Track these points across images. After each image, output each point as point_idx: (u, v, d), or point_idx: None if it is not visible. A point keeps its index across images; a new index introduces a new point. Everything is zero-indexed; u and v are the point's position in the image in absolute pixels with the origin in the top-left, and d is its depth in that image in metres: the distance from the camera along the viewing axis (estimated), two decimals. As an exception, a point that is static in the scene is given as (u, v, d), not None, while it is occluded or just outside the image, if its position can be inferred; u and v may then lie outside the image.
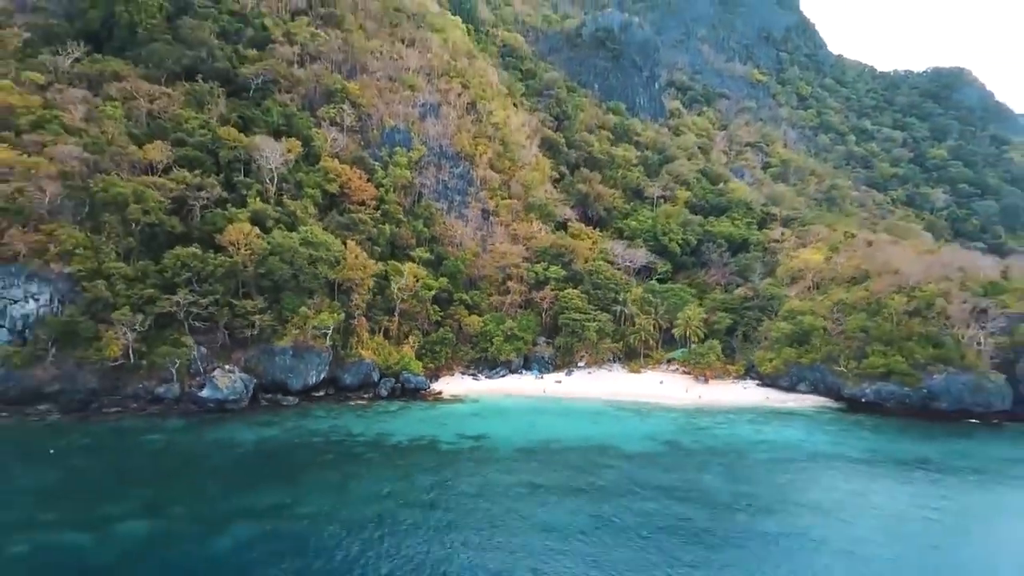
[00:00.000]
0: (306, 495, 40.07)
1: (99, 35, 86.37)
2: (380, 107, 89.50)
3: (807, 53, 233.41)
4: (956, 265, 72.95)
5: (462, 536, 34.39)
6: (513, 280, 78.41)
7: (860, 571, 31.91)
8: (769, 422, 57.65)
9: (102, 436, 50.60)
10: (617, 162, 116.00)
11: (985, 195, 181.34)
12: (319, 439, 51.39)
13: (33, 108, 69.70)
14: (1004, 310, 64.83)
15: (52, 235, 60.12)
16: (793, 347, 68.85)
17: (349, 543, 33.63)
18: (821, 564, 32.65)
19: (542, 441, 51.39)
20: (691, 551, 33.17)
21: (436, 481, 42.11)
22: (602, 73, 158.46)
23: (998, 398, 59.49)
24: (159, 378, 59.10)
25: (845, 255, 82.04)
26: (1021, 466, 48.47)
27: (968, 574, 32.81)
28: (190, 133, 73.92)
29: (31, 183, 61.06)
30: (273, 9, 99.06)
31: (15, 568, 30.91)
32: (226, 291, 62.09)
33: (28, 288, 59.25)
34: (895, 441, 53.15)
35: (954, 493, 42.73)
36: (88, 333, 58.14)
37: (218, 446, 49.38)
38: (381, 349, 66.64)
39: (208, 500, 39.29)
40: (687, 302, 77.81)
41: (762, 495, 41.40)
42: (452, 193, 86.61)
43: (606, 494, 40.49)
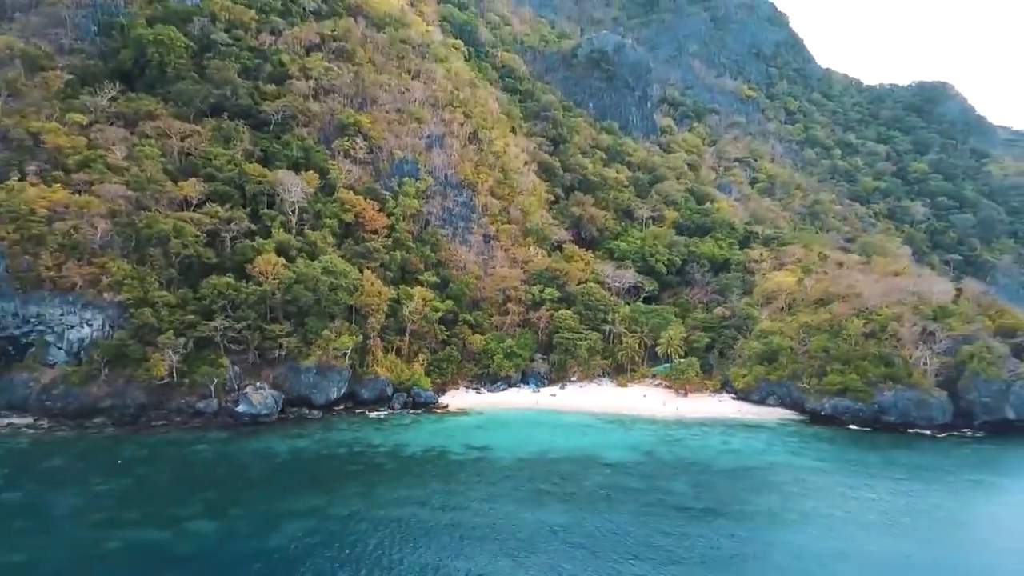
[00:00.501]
0: (338, 499, 47.85)
1: (131, 74, 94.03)
2: (390, 139, 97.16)
3: (796, 68, 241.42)
4: (912, 289, 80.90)
5: (470, 535, 42.13)
6: (512, 301, 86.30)
7: (800, 563, 39.71)
8: (737, 434, 65.56)
9: (156, 447, 58.31)
10: (609, 184, 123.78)
11: (963, 208, 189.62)
12: (344, 450, 59.17)
13: (79, 148, 77.48)
14: (949, 333, 72.89)
15: (104, 267, 67.88)
16: (763, 365, 76.85)
17: (376, 539, 41.35)
18: (766, 558, 40.50)
19: (538, 451, 59.22)
20: (656, 547, 40.95)
21: (448, 488, 49.89)
22: (597, 93, 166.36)
23: (939, 412, 67.47)
24: (199, 394, 66.90)
25: (815, 277, 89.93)
26: (949, 473, 56.34)
27: (878, 563, 40.60)
28: (219, 169, 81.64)
29: (84, 221, 68.82)
30: (289, 45, 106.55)
31: (115, 558, 38.61)
32: (257, 316, 69.86)
33: (83, 315, 67.03)
34: (845, 451, 61.11)
35: (885, 496, 50.61)
36: (136, 355, 65.92)
37: (257, 456, 57.13)
38: (394, 366, 74.48)
39: (257, 503, 47.00)
40: (670, 322, 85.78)
41: (721, 501, 49.19)
42: (456, 220, 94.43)
43: (590, 500, 48.27)
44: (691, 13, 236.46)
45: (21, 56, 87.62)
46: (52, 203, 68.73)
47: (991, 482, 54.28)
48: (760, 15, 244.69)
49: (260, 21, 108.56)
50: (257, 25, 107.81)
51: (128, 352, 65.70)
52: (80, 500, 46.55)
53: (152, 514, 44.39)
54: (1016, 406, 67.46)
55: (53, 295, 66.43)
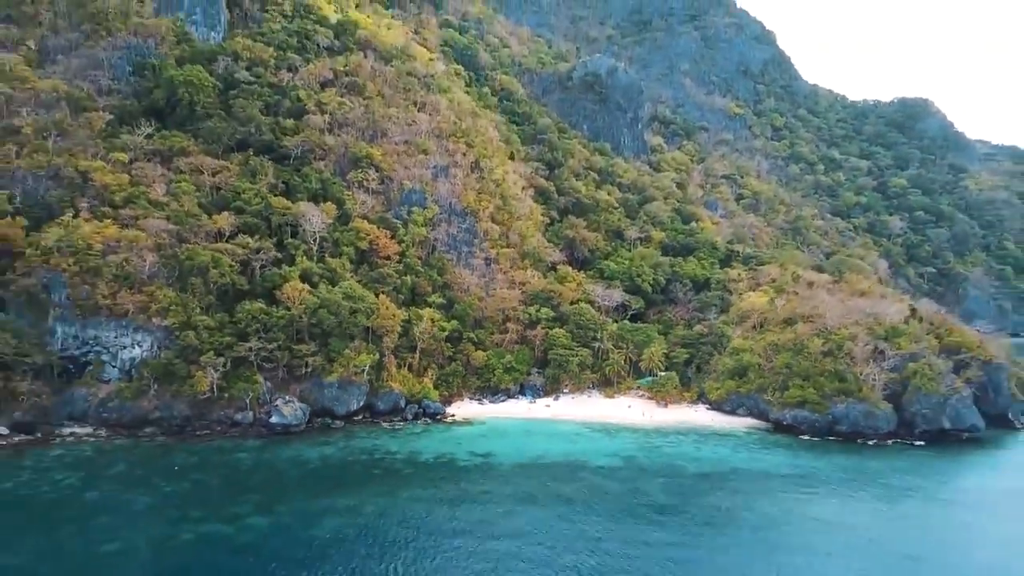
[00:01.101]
0: (366, 498, 57.03)
1: (163, 111, 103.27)
2: (400, 170, 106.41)
3: (783, 85, 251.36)
4: (869, 311, 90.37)
5: (476, 529, 51.28)
6: (511, 321, 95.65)
7: (750, 553, 49.03)
8: (708, 441, 74.96)
9: (203, 454, 67.44)
10: (601, 206, 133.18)
11: (939, 222, 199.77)
12: (365, 456, 68.39)
13: (123, 186, 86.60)
14: (898, 351, 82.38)
15: (152, 295, 76.95)
16: (734, 379, 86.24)
17: (400, 532, 50.47)
18: (716, 548, 49.83)
19: (534, 457, 68.48)
20: (630, 544, 50.28)
21: (457, 490, 59.14)
22: (590, 115, 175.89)
23: (885, 423, 76.87)
24: (236, 407, 75.98)
25: (785, 298, 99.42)
26: (887, 476, 65.68)
27: (810, 550, 49.91)
28: (248, 202, 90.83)
29: (134, 253, 77.95)
30: (305, 80, 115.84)
31: (191, 547, 47.76)
32: (286, 338, 79.01)
33: (135, 337, 76.13)
34: (798, 457, 70.49)
35: (825, 495, 60.02)
36: (182, 372, 75.03)
37: (291, 462, 66.28)
38: (406, 381, 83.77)
39: (298, 502, 56.11)
40: (652, 339, 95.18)
41: (685, 500, 58.52)
42: (460, 245, 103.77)
43: (575, 501, 57.55)
44: (682, 32, 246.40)
45: (66, 98, 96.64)
46: (105, 238, 77.85)
47: (919, 485, 63.69)
48: (749, 34, 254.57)
49: (278, 58, 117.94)
50: (276, 62, 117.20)
51: (174, 370, 74.83)
52: (151, 499, 55.71)
53: (213, 511, 53.60)
54: (952, 417, 76.96)
55: (108, 320, 75.55)
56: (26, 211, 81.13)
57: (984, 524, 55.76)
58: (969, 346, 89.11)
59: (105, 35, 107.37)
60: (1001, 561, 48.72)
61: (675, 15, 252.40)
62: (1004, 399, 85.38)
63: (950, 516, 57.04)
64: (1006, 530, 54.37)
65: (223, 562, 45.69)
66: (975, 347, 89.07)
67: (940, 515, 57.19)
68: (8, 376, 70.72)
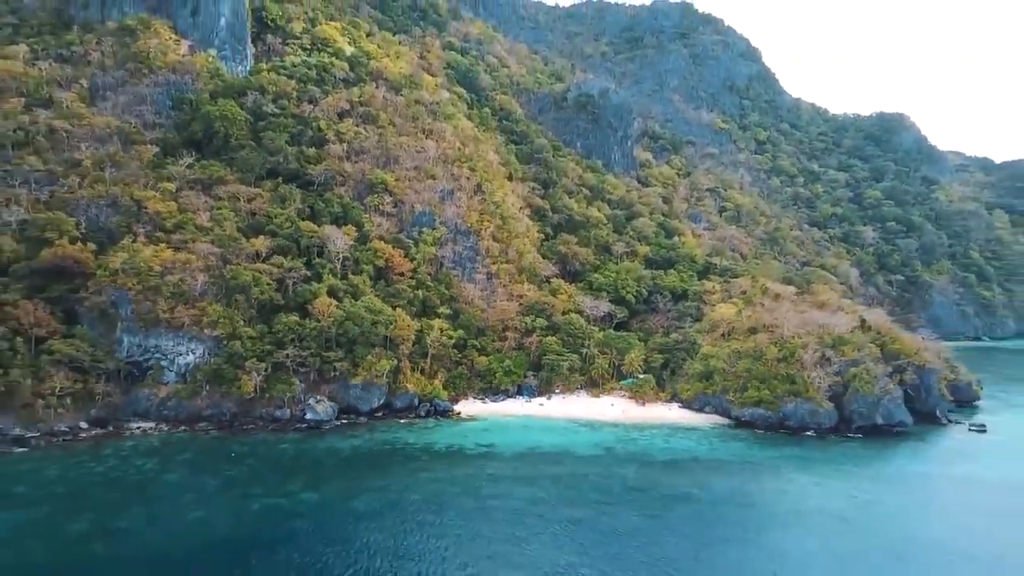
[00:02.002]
0: (392, 480, 70.18)
1: (201, 142, 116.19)
2: (411, 195, 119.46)
3: (767, 100, 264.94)
4: (821, 322, 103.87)
5: (483, 504, 64.50)
6: (509, 330, 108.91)
7: (700, 521, 62.32)
8: (676, 435, 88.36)
9: (252, 445, 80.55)
10: (591, 222, 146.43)
11: (909, 232, 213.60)
12: (388, 446, 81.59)
13: (173, 213, 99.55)
14: (842, 358, 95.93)
15: (203, 310, 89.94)
16: (702, 381, 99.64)
17: (423, 505, 63.49)
18: (671, 513, 63.14)
19: (528, 448, 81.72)
20: (604, 512, 63.62)
21: (467, 473, 72.41)
22: (583, 133, 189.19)
23: (827, 419, 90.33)
24: (276, 405, 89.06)
25: (751, 309, 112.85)
26: (822, 462, 78.95)
27: (747, 522, 63.20)
28: (280, 227, 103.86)
29: (187, 274, 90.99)
30: (325, 111, 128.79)
31: (260, 515, 60.83)
32: (317, 346, 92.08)
33: (189, 346, 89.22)
34: (751, 447, 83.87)
35: (767, 479, 73.40)
36: (229, 375, 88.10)
37: (327, 451, 79.45)
38: (419, 383, 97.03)
39: (338, 482, 69.21)
40: (633, 346, 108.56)
41: (651, 483, 71.86)
42: (464, 261, 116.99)
43: (562, 480, 70.91)
44: (672, 50, 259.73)
45: (118, 132, 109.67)
46: (162, 260, 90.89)
47: (846, 468, 77.15)
48: (735, 51, 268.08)
49: (300, 91, 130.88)
50: (298, 94, 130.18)
51: (223, 373, 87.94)
52: (218, 480, 68.90)
53: (270, 489, 66.75)
54: (883, 414, 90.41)
55: (167, 331, 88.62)
56: (90, 236, 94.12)
57: (885, 496, 68.90)
58: (908, 353, 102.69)
59: (147, 73, 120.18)
60: (897, 520, 61.99)
61: (665, 33, 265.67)
62: (934, 399, 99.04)
63: (863, 490, 70.25)
64: (902, 501, 67.70)
65: (285, 526, 58.76)
66: (913, 354, 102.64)
67: (856, 489, 70.40)
68: (86, 379, 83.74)
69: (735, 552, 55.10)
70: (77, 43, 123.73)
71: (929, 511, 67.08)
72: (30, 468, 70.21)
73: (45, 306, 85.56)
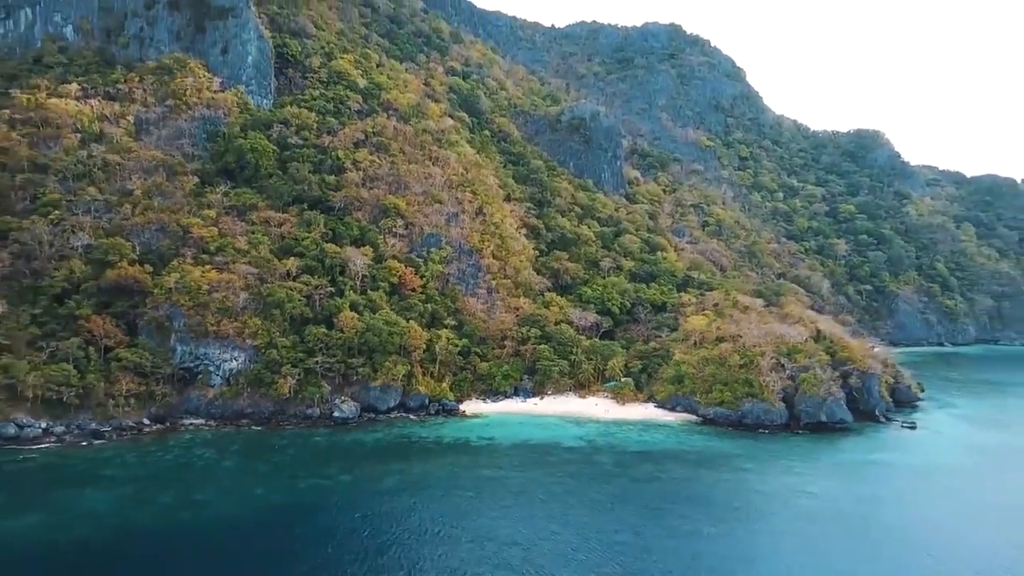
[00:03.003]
0: (411, 465, 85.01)
1: (234, 172, 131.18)
2: (420, 218, 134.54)
3: (750, 118, 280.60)
4: (778, 332, 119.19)
5: (486, 484, 79.40)
6: (507, 339, 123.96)
7: (662, 498, 77.34)
8: (650, 430, 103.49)
9: (290, 438, 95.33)
10: (582, 240, 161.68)
11: (880, 245, 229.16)
12: (404, 439, 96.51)
13: (215, 237, 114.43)
14: (794, 364, 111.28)
15: (244, 323, 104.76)
16: (674, 384, 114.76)
17: (438, 485, 78.31)
18: (640, 493, 78.17)
19: (523, 440, 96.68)
20: (583, 491, 78.70)
21: (471, 460, 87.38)
22: (576, 153, 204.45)
23: (778, 417, 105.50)
24: (307, 404, 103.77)
25: (721, 321, 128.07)
26: (770, 453, 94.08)
27: (698, 498, 78.16)
28: (307, 249, 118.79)
29: (230, 292, 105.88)
30: (342, 142, 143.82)
31: (308, 491, 75.64)
32: (342, 354, 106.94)
33: (233, 354, 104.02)
34: (711, 441, 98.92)
35: (720, 466, 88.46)
36: (267, 379, 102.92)
37: (354, 443, 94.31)
38: (430, 385, 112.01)
39: (366, 468, 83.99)
40: (616, 353, 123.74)
41: (624, 467, 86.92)
42: (467, 278, 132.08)
43: (551, 466, 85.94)
44: (660, 70, 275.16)
45: (162, 164, 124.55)
46: (209, 280, 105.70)
47: (787, 458, 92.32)
48: (720, 71, 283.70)
49: (320, 123, 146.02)
50: (318, 126, 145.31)
51: (262, 377, 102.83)
52: (268, 466, 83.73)
53: (312, 472, 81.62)
54: (827, 413, 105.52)
55: (214, 341, 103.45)
56: (145, 258, 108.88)
57: (812, 476, 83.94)
58: (854, 360, 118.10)
59: (185, 108, 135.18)
60: (816, 493, 76.94)
61: (655, 54, 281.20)
62: (874, 400, 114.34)
63: (795, 472, 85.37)
64: (826, 482, 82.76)
65: (327, 499, 73.59)
66: (859, 360, 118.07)
67: (789, 472, 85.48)
68: (147, 382, 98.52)
69: (682, 519, 70.08)
70: (121, 81, 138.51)
71: (846, 489, 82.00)
72: (111, 456, 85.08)
73: (111, 320, 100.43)
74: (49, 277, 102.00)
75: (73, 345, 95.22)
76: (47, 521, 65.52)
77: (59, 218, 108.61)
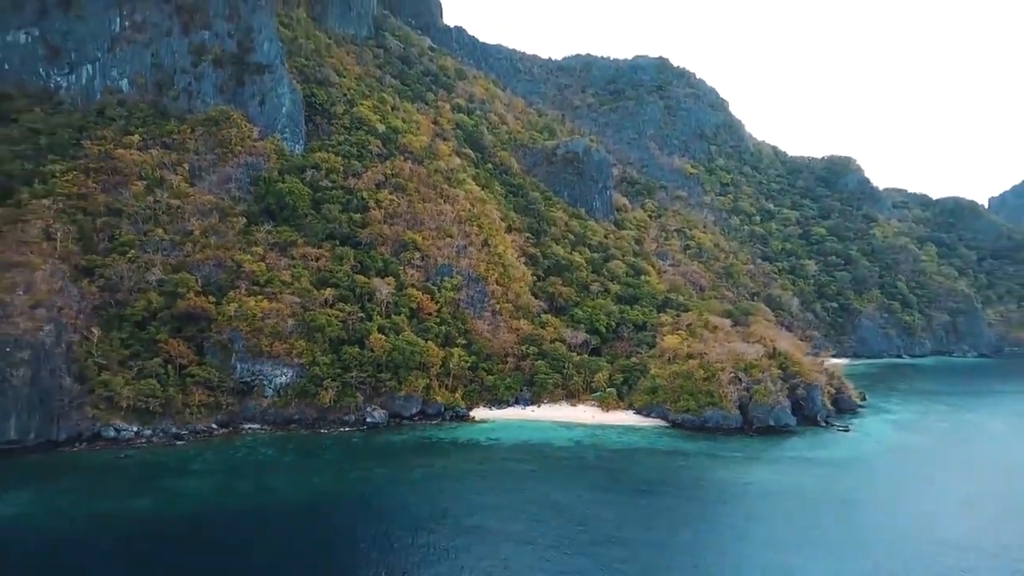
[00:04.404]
0: (432, 460, 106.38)
1: (275, 212, 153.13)
2: (434, 251, 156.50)
3: (732, 145, 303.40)
4: (739, 351, 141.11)
5: (493, 474, 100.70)
6: (509, 355, 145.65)
7: (634, 486, 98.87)
8: (627, 433, 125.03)
9: (332, 440, 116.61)
10: (574, 266, 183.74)
11: (847, 265, 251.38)
12: (425, 440, 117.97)
13: (264, 272, 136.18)
14: (749, 377, 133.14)
15: (292, 345, 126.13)
16: (649, 394, 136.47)
17: (453, 474, 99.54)
18: (616, 482, 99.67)
19: (523, 440, 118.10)
20: (570, 480, 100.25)
21: (481, 456, 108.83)
22: (570, 184, 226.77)
23: (734, 422, 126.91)
24: (344, 412, 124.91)
25: (692, 340, 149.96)
26: (725, 450, 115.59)
27: (669, 486, 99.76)
28: (340, 280, 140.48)
29: (280, 319, 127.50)
30: (366, 183, 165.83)
31: (353, 480, 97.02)
32: (373, 369, 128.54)
33: (282, 370, 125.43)
34: (677, 441, 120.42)
35: (683, 462, 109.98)
36: (311, 391, 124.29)
37: (385, 443, 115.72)
38: (445, 395, 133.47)
39: (397, 462, 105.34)
40: (602, 367, 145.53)
41: (603, 460, 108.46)
42: (475, 303, 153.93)
43: (545, 460, 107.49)
44: (649, 101, 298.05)
45: (215, 207, 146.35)
46: (262, 309, 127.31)
47: (737, 453, 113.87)
48: (705, 102, 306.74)
49: (345, 166, 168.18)
50: (344, 169, 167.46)
51: (307, 389, 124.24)
52: (319, 461, 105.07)
53: (355, 466, 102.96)
54: (775, 418, 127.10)
55: (267, 359, 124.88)
56: (207, 290, 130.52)
57: (753, 465, 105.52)
58: (803, 373, 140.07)
59: (231, 156, 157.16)
60: (758, 481, 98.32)
61: (644, 86, 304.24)
62: (816, 407, 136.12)
63: (736, 459, 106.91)
64: (762, 474, 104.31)
65: (369, 486, 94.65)
66: (806, 374, 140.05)
67: (732, 462, 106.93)
68: (214, 394, 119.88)
69: (649, 497, 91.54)
70: (175, 132, 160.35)
71: (776, 478, 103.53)
72: (194, 454, 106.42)
73: (184, 342, 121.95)
74: (131, 307, 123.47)
75: (155, 364, 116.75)
76: (157, 502, 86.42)
77: (135, 256, 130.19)
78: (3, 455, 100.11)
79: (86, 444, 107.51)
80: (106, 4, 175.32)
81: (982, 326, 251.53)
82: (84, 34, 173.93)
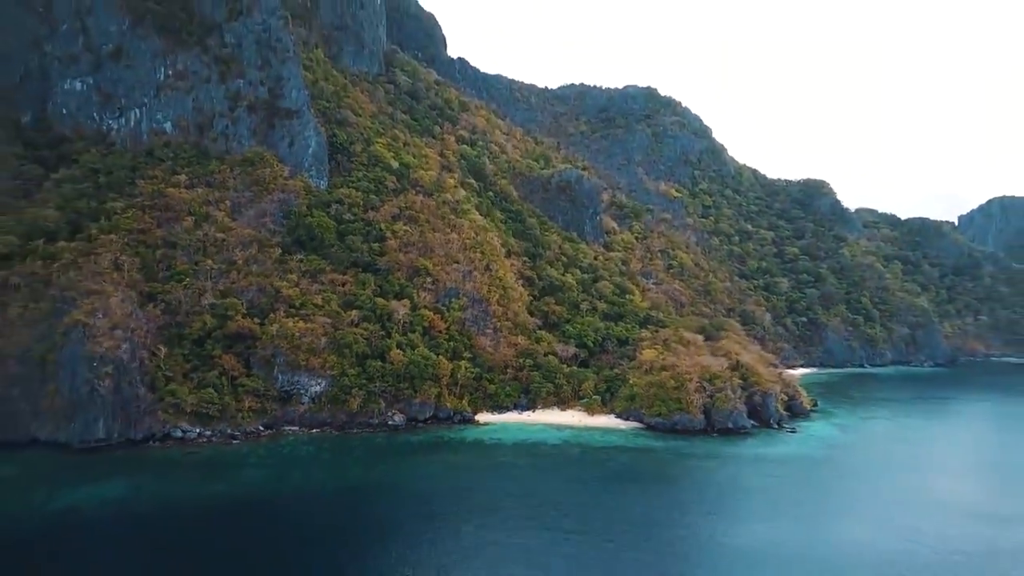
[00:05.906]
0: (445, 457, 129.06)
1: (305, 243, 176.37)
2: (442, 275, 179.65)
3: (715, 169, 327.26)
4: (704, 363, 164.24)
5: (496, 469, 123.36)
6: (509, 367, 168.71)
7: (611, 478, 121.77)
8: (608, 434, 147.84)
9: (360, 440, 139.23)
10: (566, 286, 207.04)
11: (816, 282, 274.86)
12: (438, 440, 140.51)
13: (298, 296, 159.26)
14: (712, 386, 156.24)
15: (324, 359, 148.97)
16: (628, 401, 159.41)
17: (467, 470, 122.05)
18: (596, 473, 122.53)
19: (520, 440, 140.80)
20: (560, 471, 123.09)
21: (485, 453, 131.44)
22: (563, 210, 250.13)
23: (699, 425, 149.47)
24: (370, 416, 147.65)
25: (666, 354, 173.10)
26: (690, 448, 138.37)
27: (642, 477, 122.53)
28: (363, 303, 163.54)
29: (314, 337, 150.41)
30: (383, 216, 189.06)
31: (382, 471, 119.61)
32: (393, 380, 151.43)
33: (317, 380, 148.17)
34: (649, 440, 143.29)
35: (653, 457, 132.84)
36: (341, 398, 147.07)
37: (404, 442, 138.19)
38: (454, 402, 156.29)
39: (418, 457, 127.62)
40: (588, 378, 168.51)
41: (585, 455, 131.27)
42: (479, 321, 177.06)
43: (539, 456, 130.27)
44: (638, 129, 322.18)
45: (254, 239, 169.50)
46: (299, 329, 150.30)
47: (699, 451, 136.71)
48: (690, 129, 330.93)
49: (364, 200, 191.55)
50: (363, 203, 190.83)
51: (337, 397, 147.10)
52: (352, 457, 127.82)
53: (382, 461, 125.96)
54: (733, 421, 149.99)
55: (304, 372, 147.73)
56: (251, 312, 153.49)
57: (712, 462, 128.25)
58: (760, 383, 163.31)
59: (266, 193, 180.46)
60: (716, 469, 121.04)
61: (633, 114, 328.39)
62: (770, 412, 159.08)
63: (699, 455, 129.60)
64: (713, 464, 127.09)
65: (395, 477, 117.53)
66: (763, 383, 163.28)
67: (694, 458, 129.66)
68: (261, 401, 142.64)
69: (621, 483, 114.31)
70: (217, 172, 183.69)
71: (727, 469, 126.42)
72: (248, 452, 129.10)
73: (235, 357, 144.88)
74: (189, 327, 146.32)
75: (212, 376, 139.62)
76: (228, 487, 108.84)
77: (190, 284, 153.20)
78: (94, 451, 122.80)
79: (159, 443, 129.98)
80: (152, 54, 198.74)
81: (939, 338, 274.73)
82: (133, 81, 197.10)
